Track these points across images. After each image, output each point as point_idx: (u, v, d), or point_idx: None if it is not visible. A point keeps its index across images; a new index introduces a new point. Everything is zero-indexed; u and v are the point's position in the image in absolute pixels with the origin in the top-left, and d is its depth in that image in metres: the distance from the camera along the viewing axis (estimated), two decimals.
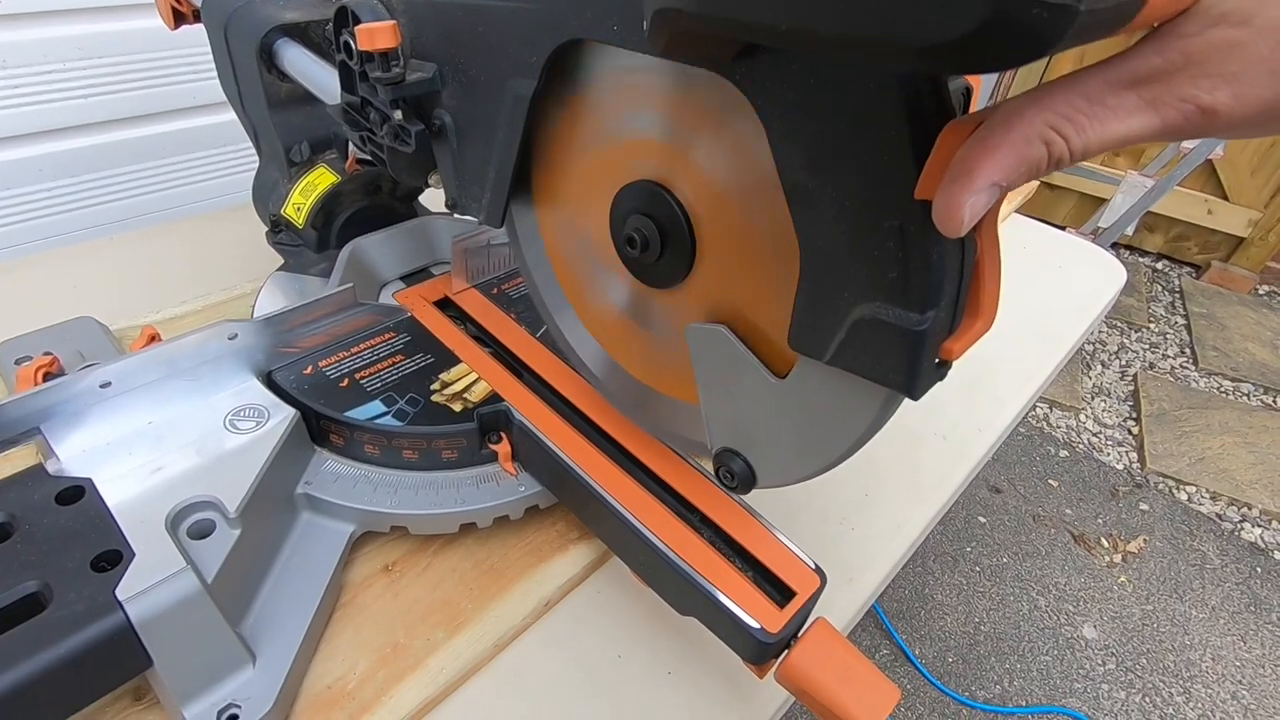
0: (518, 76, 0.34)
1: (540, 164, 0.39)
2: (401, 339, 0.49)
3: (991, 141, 0.19)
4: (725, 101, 0.28)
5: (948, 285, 0.24)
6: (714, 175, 0.30)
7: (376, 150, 0.42)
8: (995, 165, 0.19)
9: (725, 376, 0.33)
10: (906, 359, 0.25)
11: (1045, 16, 0.14)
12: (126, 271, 0.68)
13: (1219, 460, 1.78)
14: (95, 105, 0.80)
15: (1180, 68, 0.18)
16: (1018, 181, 0.20)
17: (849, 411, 0.29)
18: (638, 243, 0.33)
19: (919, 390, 0.25)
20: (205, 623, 0.34)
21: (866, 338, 0.25)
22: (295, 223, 0.54)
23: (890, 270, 0.24)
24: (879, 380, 0.26)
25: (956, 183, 0.20)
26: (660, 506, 0.41)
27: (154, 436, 0.40)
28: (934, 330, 0.24)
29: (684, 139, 0.31)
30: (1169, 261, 2.63)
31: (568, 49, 0.32)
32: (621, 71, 0.32)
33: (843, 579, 0.49)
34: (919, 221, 0.22)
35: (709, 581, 0.37)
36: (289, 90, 0.53)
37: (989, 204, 0.20)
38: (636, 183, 0.33)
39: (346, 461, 0.44)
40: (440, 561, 0.45)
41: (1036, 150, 0.19)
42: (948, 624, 1.40)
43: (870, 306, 0.25)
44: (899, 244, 0.23)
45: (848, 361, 0.27)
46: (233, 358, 0.43)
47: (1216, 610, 1.46)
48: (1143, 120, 0.18)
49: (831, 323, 0.26)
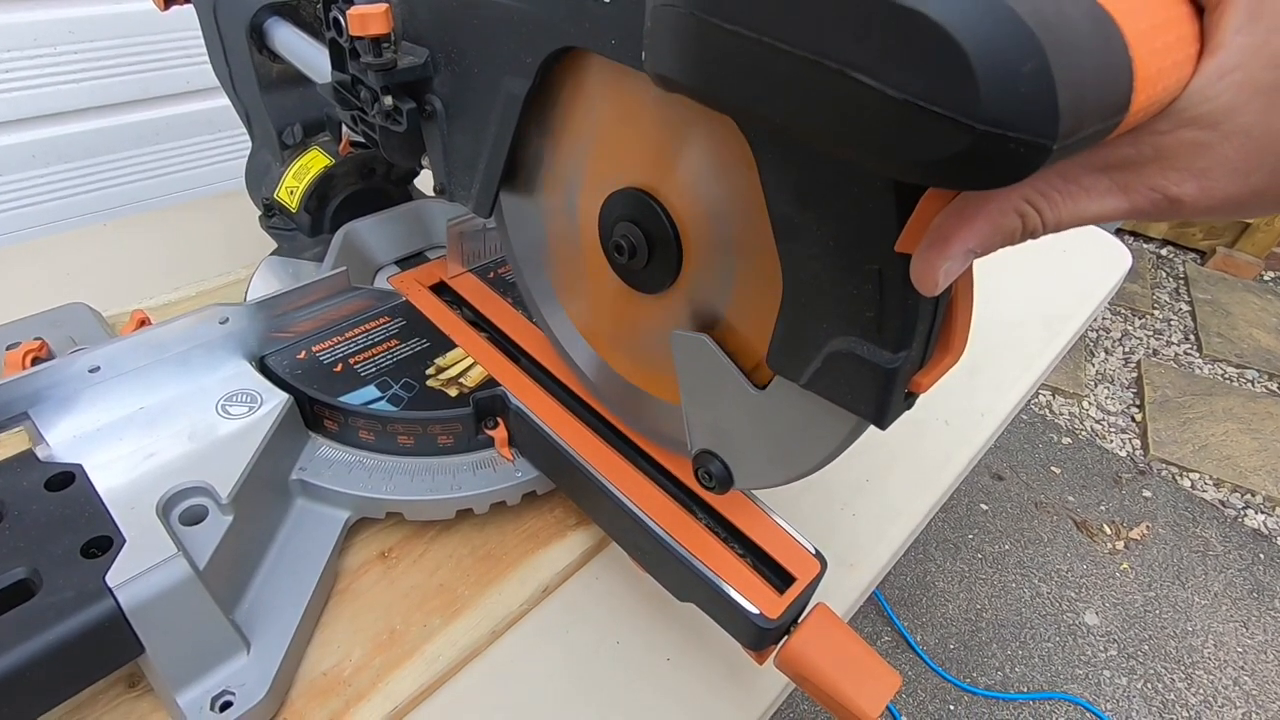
0: (512, 75, 0.34)
1: (531, 160, 0.38)
2: (396, 324, 0.48)
3: (968, 211, 0.20)
4: (718, 122, 0.28)
5: (920, 326, 0.24)
6: (703, 189, 0.30)
7: (368, 130, 0.42)
8: (970, 234, 0.20)
9: (707, 383, 0.33)
10: (877, 393, 0.26)
11: (1021, 151, 0.15)
12: (120, 258, 0.67)
13: (1222, 447, 1.78)
14: (88, 90, 0.79)
15: (1151, 159, 0.19)
16: (991, 249, 0.21)
17: (820, 430, 0.30)
18: (625, 249, 0.34)
19: (887, 421, 0.26)
20: (197, 609, 0.34)
21: (841, 369, 0.26)
22: (288, 206, 0.53)
23: (867, 310, 0.24)
24: (849, 409, 0.27)
25: (933, 248, 0.21)
26: (658, 492, 0.40)
27: (145, 422, 0.40)
28: (905, 368, 0.25)
29: (674, 152, 0.30)
30: (1173, 247, 2.62)
31: (564, 53, 0.32)
32: (615, 81, 0.32)
33: (843, 565, 0.48)
34: (898, 269, 0.23)
35: (708, 567, 0.37)
36: (280, 71, 0.52)
37: (963, 268, 0.21)
38: (626, 189, 0.33)
39: (341, 447, 0.44)
40: (437, 548, 0.45)
41: (1011, 222, 0.20)
42: (949, 611, 1.40)
43: (846, 340, 0.26)
44: (877, 287, 0.24)
45: (822, 389, 0.27)
46: (225, 342, 0.42)
47: (1219, 597, 1.46)
48: (1113, 202, 0.20)
49: (809, 350, 0.27)
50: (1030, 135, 0.15)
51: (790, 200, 0.25)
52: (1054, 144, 0.15)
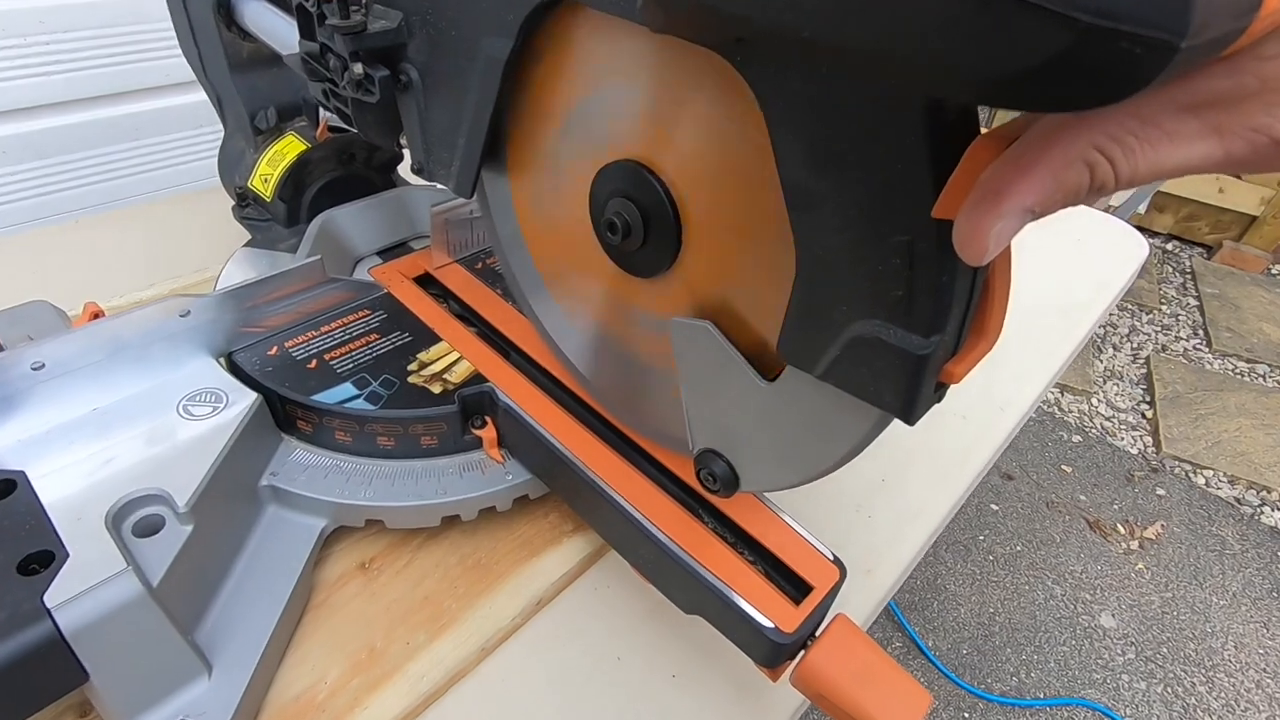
0: (492, 35, 0.30)
1: (515, 131, 0.35)
2: (376, 317, 0.45)
3: (1025, 160, 0.17)
4: (720, 76, 0.24)
5: (956, 308, 0.21)
6: (703, 157, 0.27)
7: (341, 106, 0.38)
8: (1028, 188, 0.17)
9: (710, 376, 0.30)
10: (905, 383, 0.23)
11: (1136, 54, 0.12)
12: (90, 256, 0.64)
13: (1236, 443, 1.74)
14: (61, 83, 0.76)
15: (1254, 94, 0.16)
16: (1052, 208, 0.17)
17: (838, 427, 0.27)
18: (619, 228, 0.30)
19: (915, 415, 0.23)
20: (150, 630, 0.31)
21: (863, 357, 0.23)
22: (262, 195, 0.50)
23: (895, 288, 0.22)
24: (873, 402, 0.24)
25: (982, 205, 0.17)
26: (661, 494, 0.37)
27: (98, 424, 0.36)
28: (937, 355, 0.22)
29: (671, 115, 0.27)
30: (1179, 242, 2.58)
31: (548, 8, 0.28)
32: (605, 37, 0.28)
33: (860, 570, 0.45)
34: (932, 239, 0.20)
35: (716, 576, 0.34)
36: (252, 50, 0.49)
37: (1017, 231, 0.17)
38: (618, 162, 0.30)
39: (316, 450, 0.41)
40: (422, 557, 0.41)
41: (1076, 174, 0.17)
42: (961, 615, 1.36)
43: (869, 324, 0.23)
44: (907, 261, 0.21)
45: (840, 379, 0.24)
46: (188, 337, 0.39)
47: (1238, 597, 1.42)
48: (1204, 148, 0.16)
49: (825, 336, 0.24)
50: (1152, 30, 0.12)
51: (805, 163, 0.22)
52: (1182, 41, 0.12)
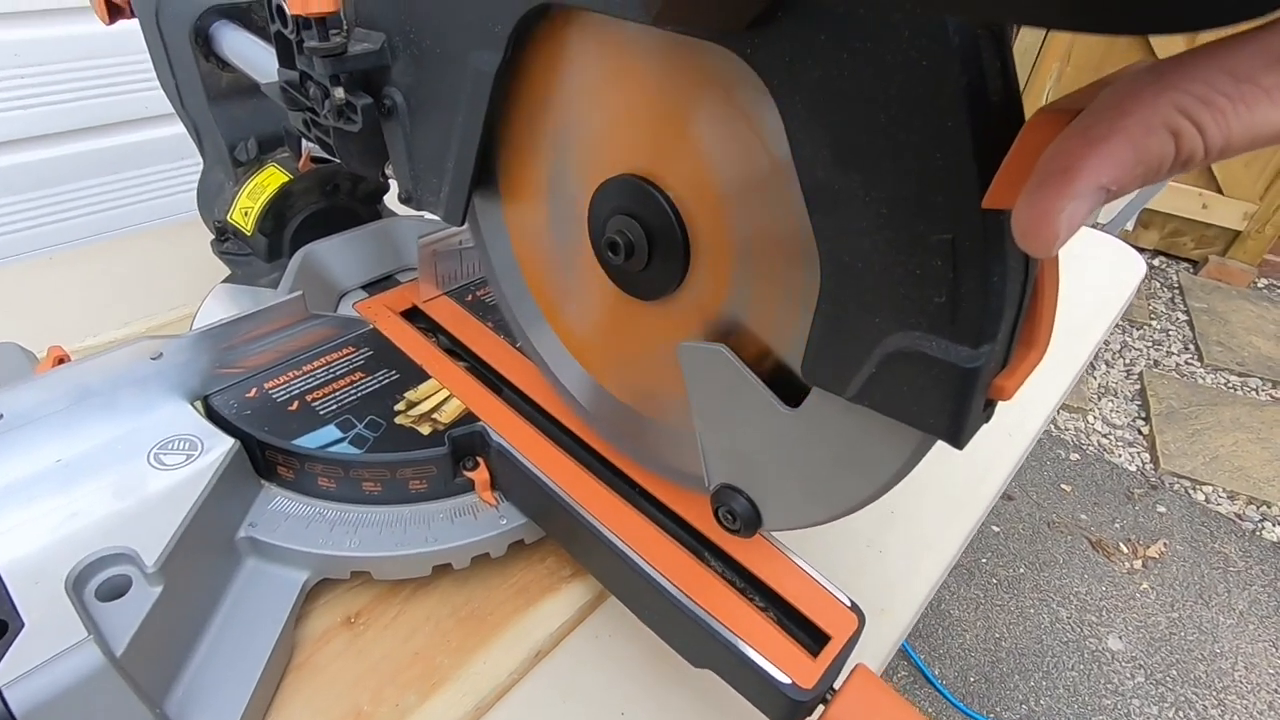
0: (480, 49, 0.29)
1: (507, 152, 0.33)
2: (362, 354, 0.43)
3: (1098, 131, 0.14)
4: (727, 76, 0.23)
5: (1007, 313, 0.19)
6: (711, 168, 0.25)
7: (322, 136, 0.37)
8: (1103, 162, 0.14)
9: (726, 403, 0.28)
10: (952, 401, 0.20)
11: None
12: (63, 293, 0.62)
13: (1233, 458, 1.73)
14: (38, 117, 0.74)
15: None
16: (1131, 184, 0.15)
17: (873, 455, 0.24)
18: (621, 248, 0.28)
19: (964, 438, 0.21)
20: (113, 704, 0.28)
21: (902, 374, 0.21)
22: (242, 229, 0.48)
23: (937, 294, 0.19)
24: (914, 424, 0.21)
25: (1049, 185, 0.15)
26: (665, 538, 0.35)
27: (62, 477, 0.34)
28: (988, 367, 0.20)
29: (675, 124, 0.25)
30: (1165, 257, 2.60)
31: (538, 16, 0.27)
32: (601, 43, 0.27)
33: (875, 610, 0.43)
34: (978, 235, 0.18)
35: (726, 627, 0.32)
36: (231, 80, 0.47)
37: (1090, 213, 0.15)
38: (619, 177, 0.28)
39: (298, 497, 0.38)
40: (411, 609, 0.39)
41: (1160, 143, 0.14)
42: (967, 641, 1.34)
43: (908, 337, 0.20)
44: (950, 263, 0.19)
45: (877, 400, 0.22)
46: (159, 381, 0.37)
47: (1245, 615, 1.40)
48: None
49: (857, 353, 0.22)
50: None
51: (828, 161, 0.20)
52: None
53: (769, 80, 0.20)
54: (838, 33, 0.18)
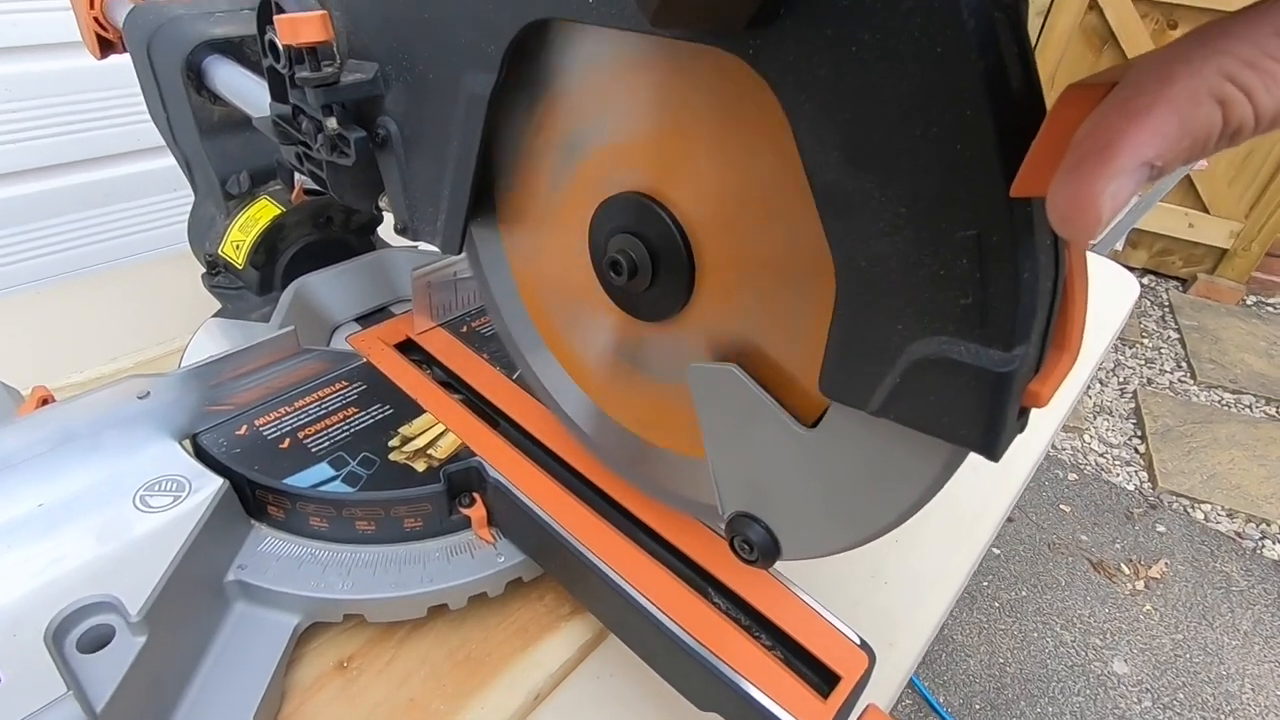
0: (474, 70, 0.28)
1: (504, 176, 0.33)
2: (355, 389, 0.42)
3: (1139, 103, 0.13)
4: (730, 84, 0.22)
5: (1040, 312, 0.18)
6: (716, 181, 0.24)
7: (315, 169, 0.36)
8: (1147, 136, 0.13)
9: (738, 427, 0.27)
10: (985, 410, 0.19)
11: None
12: (51, 328, 0.61)
13: (1230, 475, 1.73)
14: (27, 150, 0.73)
15: None
16: (1177, 159, 0.14)
17: (899, 472, 0.23)
18: (624, 267, 0.28)
19: (1000, 449, 0.19)
20: None
21: (929, 383, 0.20)
22: (234, 262, 0.48)
23: (963, 295, 0.18)
24: (945, 436, 0.20)
25: (1089, 163, 0.14)
26: (667, 574, 0.34)
27: (44, 522, 0.33)
28: (1022, 371, 0.18)
29: (677, 138, 0.25)
30: (1154, 276, 2.62)
31: (532, 34, 0.26)
32: (599, 57, 0.26)
33: (883, 644, 0.41)
34: (1005, 229, 0.17)
35: (733, 669, 0.31)
36: (223, 114, 0.47)
37: (1133, 192, 0.14)
38: (620, 195, 0.28)
39: (289, 538, 0.37)
40: (406, 653, 0.38)
41: (1206, 113, 0.13)
42: (971, 667, 1.32)
43: (934, 342, 0.19)
44: (976, 261, 0.18)
45: (903, 413, 0.21)
46: (146, 420, 0.36)
47: (1249, 636, 1.39)
48: None
49: (879, 364, 0.21)
50: None
51: (839, 162, 0.19)
52: None
53: (773, 82, 0.19)
54: (844, 26, 0.17)
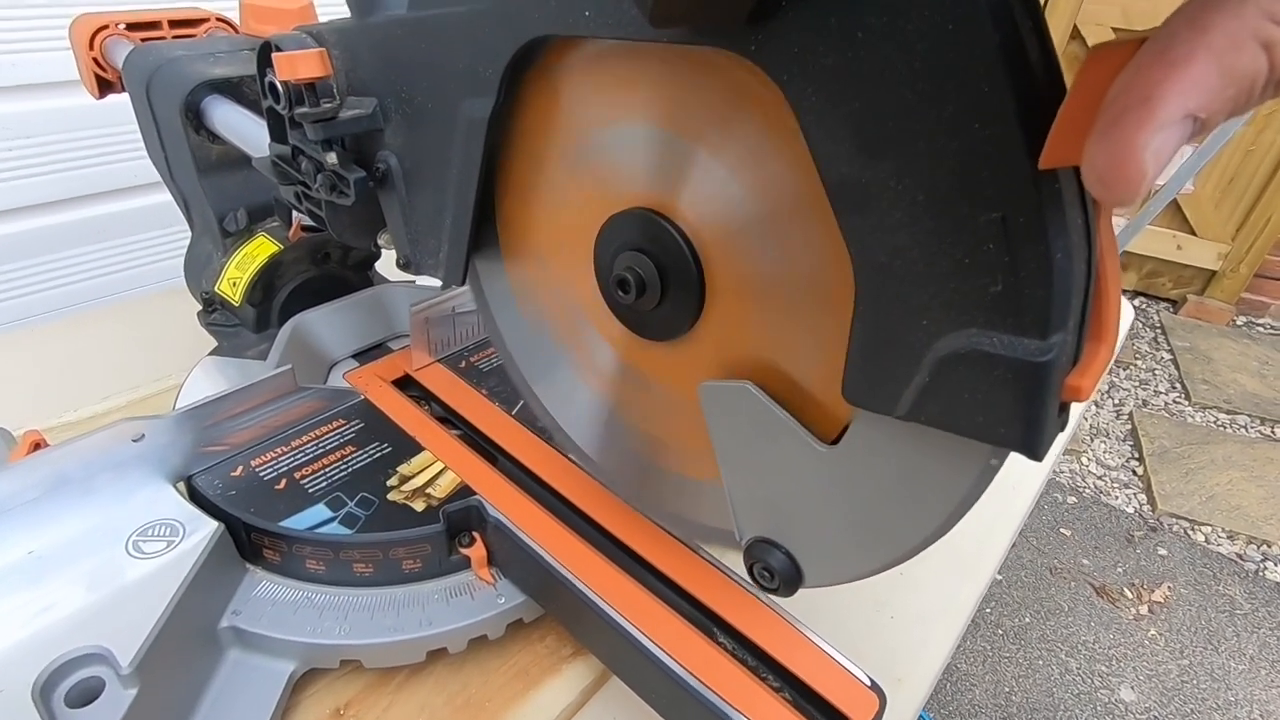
0: (471, 96, 0.28)
1: (506, 203, 0.33)
2: (352, 427, 0.42)
3: (1178, 52, 0.13)
4: (734, 89, 0.22)
5: (1075, 295, 0.17)
6: (724, 193, 0.24)
7: (314, 208, 0.36)
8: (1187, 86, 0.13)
9: (755, 447, 0.26)
10: (1025, 404, 0.18)
11: None
12: (45, 365, 0.60)
13: (1229, 497, 1.72)
14: (29, 188, 0.74)
15: None
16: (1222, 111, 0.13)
17: (931, 483, 0.22)
18: (632, 285, 0.27)
19: (1043, 447, 0.18)
20: None
21: (961, 380, 0.19)
22: (230, 300, 0.47)
23: (992, 282, 0.17)
24: (982, 436, 0.19)
25: (1128, 118, 0.13)
26: (671, 615, 0.33)
27: (32, 572, 0.32)
28: (1061, 361, 0.17)
29: (683, 151, 0.25)
30: (1145, 298, 2.64)
31: (530, 53, 0.26)
32: (599, 72, 0.26)
33: (890, 680, 0.41)
34: (1033, 207, 0.16)
35: (740, 712, 0.30)
36: (221, 153, 0.47)
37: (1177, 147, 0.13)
38: (626, 212, 0.27)
39: (285, 581, 0.36)
40: (405, 698, 0.37)
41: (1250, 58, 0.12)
42: (976, 696, 1.30)
43: (963, 336, 0.18)
44: (1004, 244, 0.17)
45: (934, 415, 0.20)
46: (139, 463, 0.35)
47: (1255, 660, 1.37)
48: None
49: (906, 364, 0.20)
50: None
51: (851, 153, 0.18)
52: None
53: (778, 77, 0.19)
54: (849, 12, 0.17)
